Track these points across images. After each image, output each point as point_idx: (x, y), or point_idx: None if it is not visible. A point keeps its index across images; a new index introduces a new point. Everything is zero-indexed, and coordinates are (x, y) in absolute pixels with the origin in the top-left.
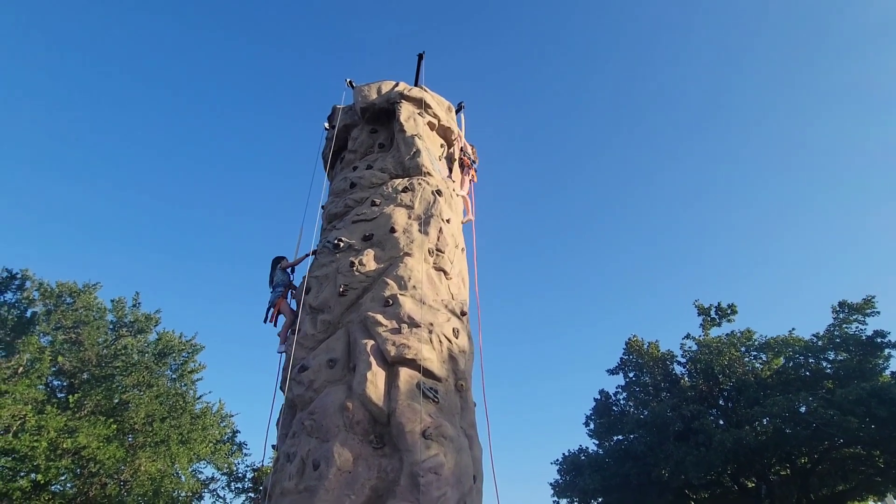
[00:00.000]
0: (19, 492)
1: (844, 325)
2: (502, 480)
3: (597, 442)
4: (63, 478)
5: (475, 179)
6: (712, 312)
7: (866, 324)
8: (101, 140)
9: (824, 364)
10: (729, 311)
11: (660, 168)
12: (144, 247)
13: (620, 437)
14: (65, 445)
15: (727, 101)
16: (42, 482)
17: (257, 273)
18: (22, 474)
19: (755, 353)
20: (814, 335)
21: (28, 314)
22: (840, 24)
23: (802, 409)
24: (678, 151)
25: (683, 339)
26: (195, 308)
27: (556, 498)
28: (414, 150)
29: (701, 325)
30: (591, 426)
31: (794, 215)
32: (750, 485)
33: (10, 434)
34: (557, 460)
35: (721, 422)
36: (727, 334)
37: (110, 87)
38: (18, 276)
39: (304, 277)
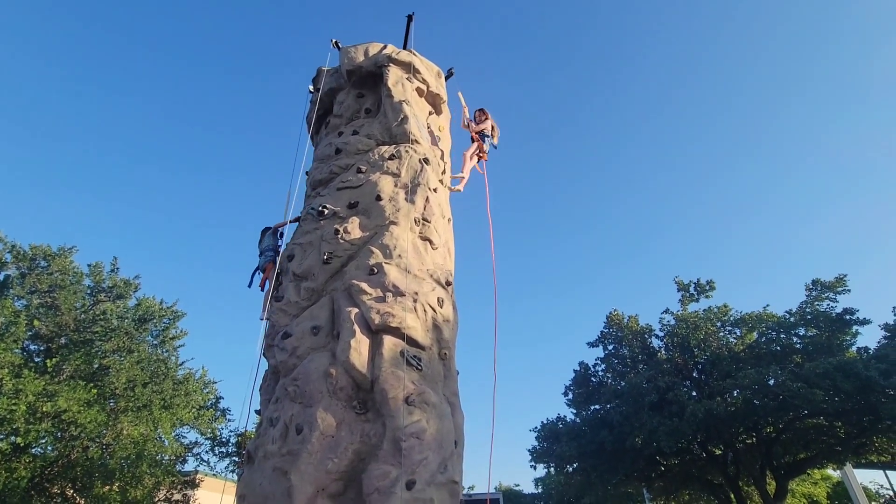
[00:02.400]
0: None
1: (816, 303)
2: (486, 445)
3: (574, 411)
4: (43, 441)
5: (485, 157)
6: (691, 288)
7: (837, 301)
8: (79, 97)
9: (795, 340)
10: (707, 288)
11: (647, 155)
12: (122, 213)
13: (597, 406)
14: (44, 409)
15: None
16: (22, 445)
17: (239, 242)
18: (1, 437)
19: (730, 328)
20: (787, 311)
21: (1, 277)
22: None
23: (771, 382)
24: (664, 131)
25: (662, 313)
26: (175, 276)
27: (533, 463)
28: (401, 116)
29: (680, 300)
30: (570, 396)
31: (773, 196)
32: (717, 452)
33: None
34: (536, 428)
35: (694, 393)
36: (704, 310)
37: (92, 41)
38: None
39: (286, 244)
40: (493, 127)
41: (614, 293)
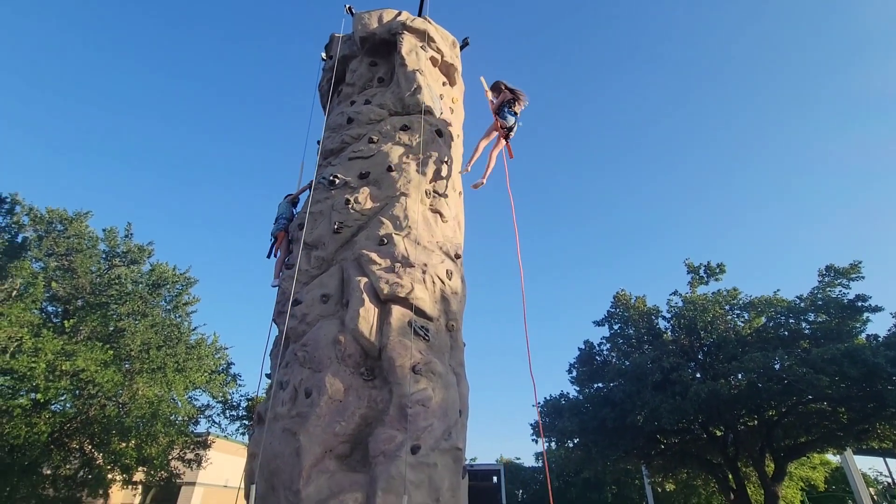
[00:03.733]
0: (20, 409)
1: (828, 289)
2: (490, 418)
3: (578, 388)
4: (63, 398)
5: (509, 142)
6: (701, 271)
7: (850, 288)
8: (92, 58)
9: (804, 325)
10: (717, 270)
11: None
12: (137, 180)
13: (601, 385)
14: (63, 367)
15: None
16: (42, 401)
17: (252, 211)
18: (22, 393)
19: (738, 311)
20: (797, 297)
21: (19, 239)
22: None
23: (777, 367)
24: (679, 111)
25: (670, 295)
26: (188, 244)
27: (535, 437)
28: (415, 86)
29: (689, 283)
30: (574, 374)
31: (793, 183)
32: (718, 433)
33: (8, 355)
34: (539, 403)
35: (698, 375)
36: (713, 292)
37: (112, 7)
38: (7, 200)
39: (298, 213)
40: (514, 97)
41: (625, 277)
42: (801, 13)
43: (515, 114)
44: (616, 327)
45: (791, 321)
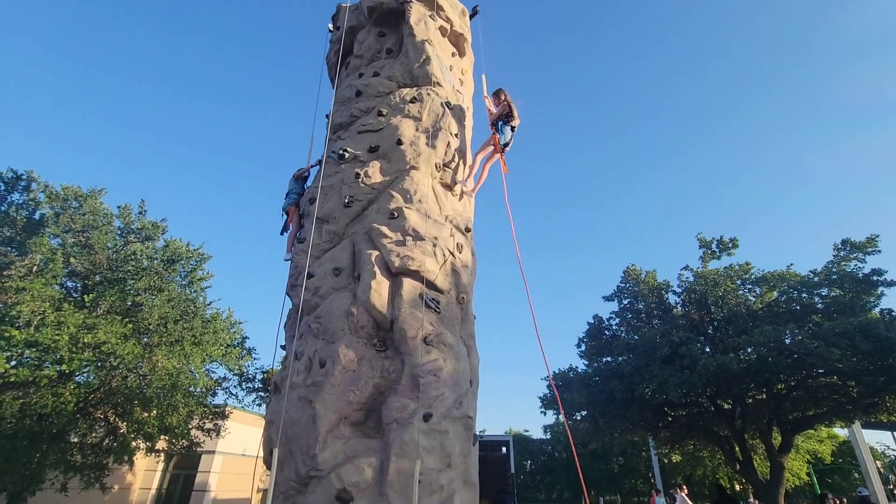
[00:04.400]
0: (46, 380)
1: (843, 263)
2: (499, 392)
3: (586, 362)
4: (86, 369)
5: (502, 156)
6: (713, 246)
7: (865, 262)
8: (107, 32)
9: (816, 300)
10: (730, 245)
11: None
12: (146, 158)
13: (609, 359)
14: (85, 340)
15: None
16: (67, 372)
17: (264, 186)
18: (47, 364)
19: (750, 286)
20: (811, 271)
21: (36, 216)
22: None
23: (787, 341)
24: (693, 84)
25: (681, 270)
26: (199, 221)
27: (543, 410)
28: (424, 56)
29: (701, 257)
30: (583, 348)
31: (813, 158)
32: (726, 406)
33: (32, 328)
34: (548, 377)
35: (707, 349)
36: (725, 267)
37: None
38: (24, 177)
39: (308, 187)
40: (510, 112)
41: (638, 255)
42: None
43: (513, 129)
44: (626, 302)
45: (804, 295)
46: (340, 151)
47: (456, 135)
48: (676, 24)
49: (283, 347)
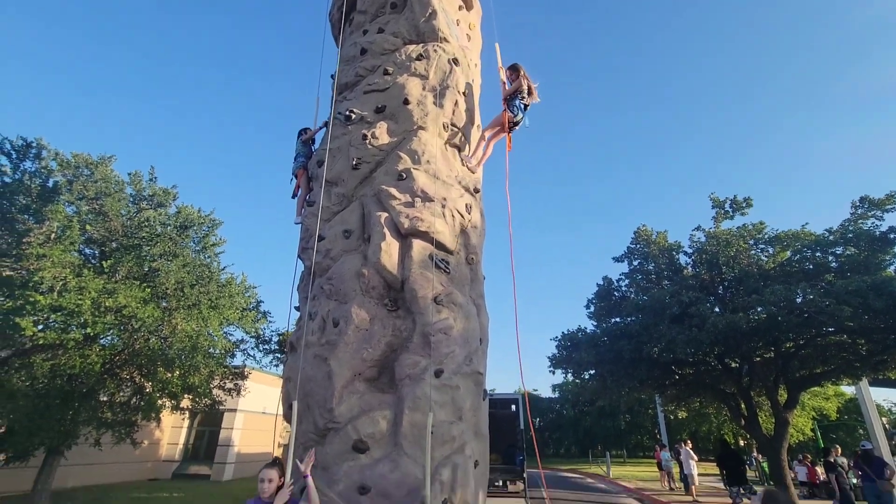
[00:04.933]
0: (73, 342)
1: (860, 221)
2: (509, 352)
3: (595, 323)
4: (110, 332)
5: (509, 134)
6: (727, 205)
7: (883, 219)
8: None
9: (830, 259)
10: (744, 205)
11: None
12: (155, 124)
13: (618, 319)
14: (107, 304)
15: None
16: (92, 335)
17: (272, 149)
18: (72, 328)
19: (763, 245)
20: (826, 230)
21: (50, 184)
22: None
23: (799, 300)
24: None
25: (693, 230)
26: (208, 187)
27: (552, 369)
28: (429, 10)
29: (713, 217)
30: (592, 309)
31: (837, 115)
32: (733, 365)
33: (55, 293)
34: (557, 337)
35: (717, 309)
36: (738, 227)
37: None
38: (34, 144)
39: (316, 150)
40: (529, 88)
41: (651, 217)
42: None
43: (525, 107)
44: (636, 263)
45: (817, 255)
46: (347, 113)
47: (464, 93)
48: None
49: (297, 309)
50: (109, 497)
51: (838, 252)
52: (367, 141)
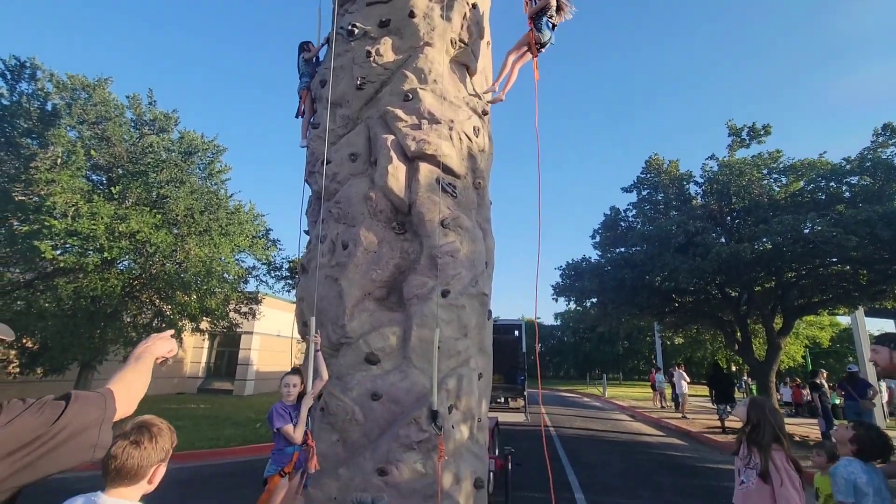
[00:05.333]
0: (92, 265)
1: (879, 150)
2: (513, 279)
3: (600, 253)
4: (126, 257)
5: (535, 53)
6: (744, 133)
7: None
8: None
9: (844, 188)
10: (762, 132)
11: None
12: (145, 45)
13: (623, 249)
14: (121, 229)
15: None
16: (109, 259)
17: (269, 68)
18: (90, 252)
19: (777, 175)
20: (844, 159)
21: (48, 107)
22: None
23: (806, 231)
24: None
25: (706, 159)
26: (209, 110)
27: (555, 296)
28: None
29: (728, 146)
30: (598, 239)
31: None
32: (733, 294)
33: (69, 218)
34: (561, 266)
35: (723, 239)
36: (753, 156)
37: None
38: (28, 65)
39: (320, 69)
40: (558, 3)
41: (668, 147)
42: None
43: (553, 27)
44: (645, 193)
45: (831, 185)
46: (349, 27)
47: (473, 5)
48: None
49: (306, 232)
50: (141, 407)
51: (853, 182)
52: (372, 59)
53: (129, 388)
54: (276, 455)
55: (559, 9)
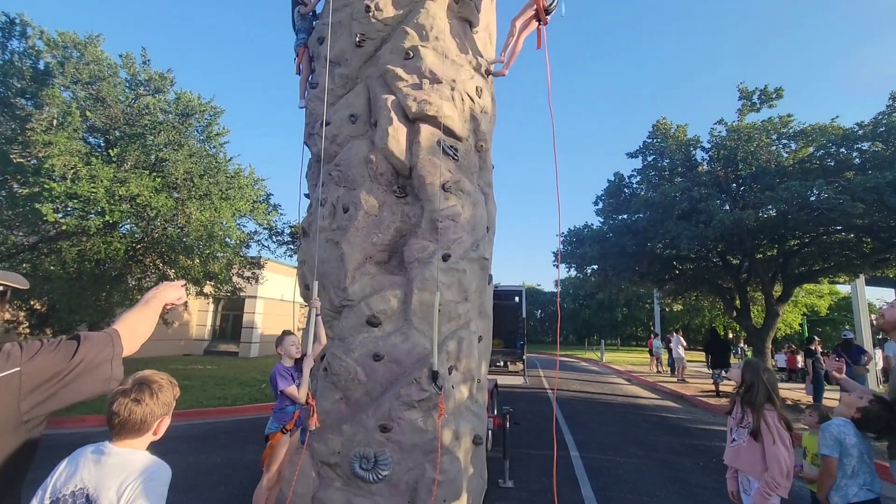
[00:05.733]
0: (94, 228)
1: (894, 114)
2: (514, 246)
3: (602, 220)
4: (128, 221)
5: (544, 21)
6: (755, 97)
7: None
8: None
9: (854, 154)
10: (774, 96)
11: None
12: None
13: (626, 216)
14: (121, 192)
15: None
16: (111, 222)
17: (267, 26)
18: (91, 215)
19: (787, 141)
20: (856, 124)
21: (41, 66)
22: None
23: (813, 198)
24: None
25: (715, 124)
26: (203, 70)
27: (556, 263)
28: None
29: (738, 110)
30: (601, 206)
31: None
32: (734, 261)
33: (69, 181)
34: (563, 233)
35: (727, 206)
36: (763, 121)
37: None
38: (17, 21)
39: (316, 25)
40: None
41: (677, 111)
42: None
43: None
44: (650, 159)
45: (841, 151)
46: None
47: None
48: None
49: (306, 195)
50: (149, 366)
51: (864, 148)
52: (371, 14)
53: (133, 329)
54: (277, 414)
55: None
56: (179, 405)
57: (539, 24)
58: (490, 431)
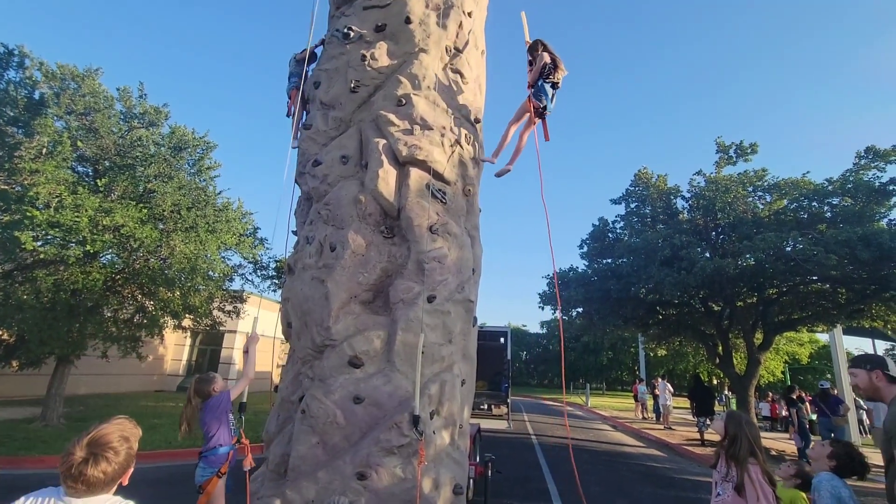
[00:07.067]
0: (73, 258)
1: (861, 172)
2: (500, 287)
3: (587, 263)
4: (109, 251)
5: (534, 123)
6: (731, 150)
7: (885, 170)
8: None
9: (825, 208)
10: (749, 151)
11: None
12: (144, 36)
13: (610, 260)
14: (104, 222)
15: None
16: (91, 252)
17: (265, 71)
18: (72, 244)
19: (761, 193)
20: (826, 179)
21: (36, 96)
22: None
23: (788, 249)
24: None
25: (694, 175)
26: (199, 107)
27: (541, 305)
28: None
29: (716, 162)
30: (585, 249)
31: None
32: (716, 308)
33: (52, 209)
34: (548, 275)
35: (707, 254)
36: (739, 173)
37: None
38: (16, 52)
39: (313, 70)
40: (555, 64)
41: (657, 161)
42: None
43: (555, 84)
44: (633, 205)
45: (814, 204)
46: (345, 30)
47: (469, 14)
48: None
49: (294, 233)
50: (119, 403)
51: (835, 202)
52: (367, 62)
53: None
54: (207, 457)
55: (556, 66)
56: (146, 446)
57: (535, 123)
58: (471, 480)
